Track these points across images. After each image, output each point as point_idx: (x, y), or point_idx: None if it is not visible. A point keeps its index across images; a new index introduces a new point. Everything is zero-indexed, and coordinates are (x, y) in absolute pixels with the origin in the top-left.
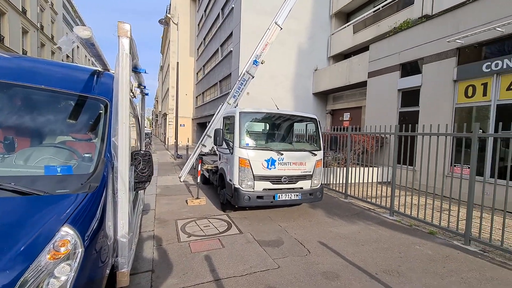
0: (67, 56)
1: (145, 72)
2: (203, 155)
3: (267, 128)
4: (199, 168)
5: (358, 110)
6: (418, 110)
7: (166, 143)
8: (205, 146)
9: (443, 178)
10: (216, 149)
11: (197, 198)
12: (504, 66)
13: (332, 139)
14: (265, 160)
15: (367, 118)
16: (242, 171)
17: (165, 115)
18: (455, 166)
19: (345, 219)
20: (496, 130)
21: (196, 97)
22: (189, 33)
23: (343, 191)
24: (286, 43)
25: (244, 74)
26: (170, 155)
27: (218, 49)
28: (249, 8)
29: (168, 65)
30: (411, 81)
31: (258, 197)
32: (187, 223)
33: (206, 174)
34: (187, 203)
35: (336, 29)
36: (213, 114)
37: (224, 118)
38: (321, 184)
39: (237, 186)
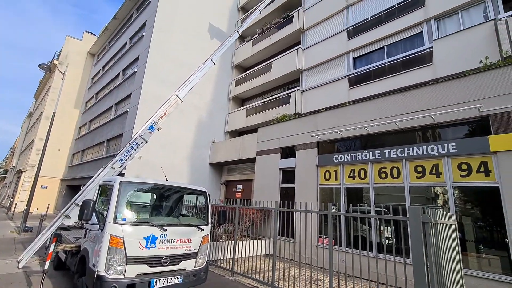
0: None
1: None
2: (65, 229)
3: (153, 199)
4: (52, 249)
5: (250, 182)
6: (294, 187)
7: (13, 209)
8: (70, 217)
9: (311, 248)
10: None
11: None
12: (345, 160)
13: (221, 213)
14: (144, 237)
15: (256, 191)
16: (113, 253)
17: (20, 172)
18: (320, 237)
19: None
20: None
21: (74, 154)
22: (78, 84)
23: (230, 268)
24: (187, 114)
25: (136, 138)
26: (13, 227)
27: (112, 106)
28: (152, 75)
29: (42, 113)
30: (288, 163)
31: (129, 285)
32: None
33: (63, 257)
34: None
35: (233, 110)
36: (92, 177)
37: (100, 185)
38: (206, 262)
39: (101, 273)
